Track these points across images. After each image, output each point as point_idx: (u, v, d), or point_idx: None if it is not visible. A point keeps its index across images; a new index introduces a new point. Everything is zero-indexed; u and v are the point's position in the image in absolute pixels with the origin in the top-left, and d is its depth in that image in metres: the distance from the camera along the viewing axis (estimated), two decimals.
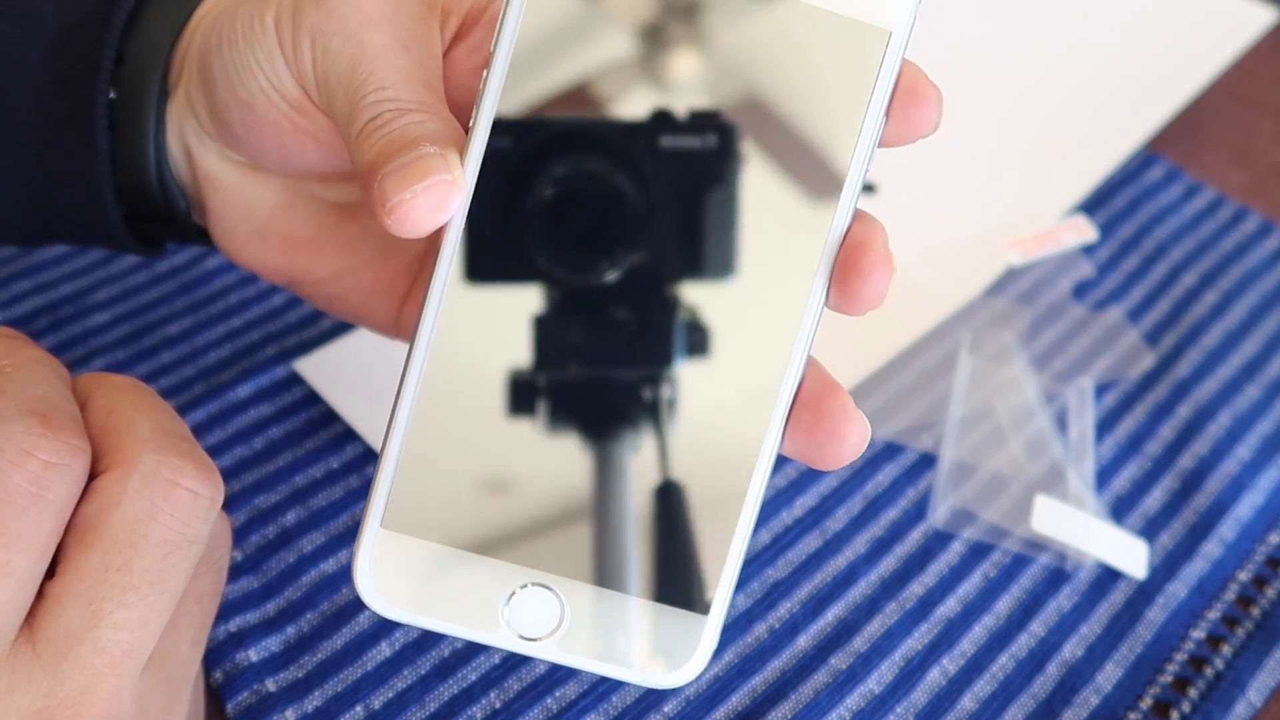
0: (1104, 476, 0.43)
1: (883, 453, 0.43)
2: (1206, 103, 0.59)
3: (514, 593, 0.27)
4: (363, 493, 0.40)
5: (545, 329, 0.28)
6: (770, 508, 0.41)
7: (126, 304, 0.45)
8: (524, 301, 0.28)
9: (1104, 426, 0.44)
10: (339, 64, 0.29)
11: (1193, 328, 0.48)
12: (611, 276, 0.28)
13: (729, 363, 0.28)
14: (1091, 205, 0.53)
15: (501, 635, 0.27)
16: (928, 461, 0.43)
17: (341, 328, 0.45)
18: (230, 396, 0.42)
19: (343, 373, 0.43)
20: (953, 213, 0.51)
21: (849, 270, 0.27)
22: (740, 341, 0.28)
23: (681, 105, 0.28)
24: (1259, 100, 0.60)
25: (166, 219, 0.35)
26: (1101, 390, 0.46)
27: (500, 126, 0.27)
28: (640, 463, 0.28)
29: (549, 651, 0.27)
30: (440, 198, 0.26)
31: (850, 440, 0.28)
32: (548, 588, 0.27)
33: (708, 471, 0.28)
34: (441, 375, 0.28)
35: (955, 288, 0.48)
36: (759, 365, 0.28)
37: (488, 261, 0.28)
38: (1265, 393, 0.46)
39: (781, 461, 0.42)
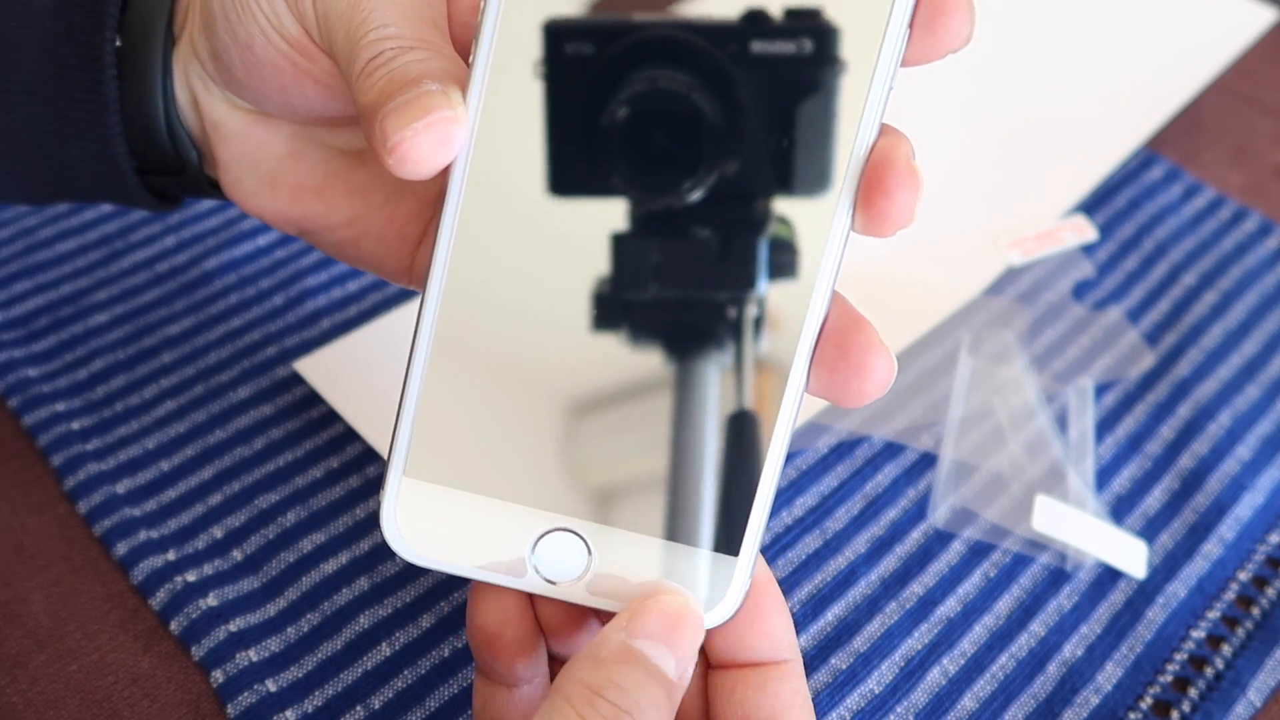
0: (1104, 476, 0.43)
1: (883, 453, 0.43)
2: (1206, 103, 0.59)
3: (539, 537, 0.27)
4: (363, 493, 0.40)
5: (620, 248, 0.27)
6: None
7: (126, 304, 0.45)
8: (536, 238, 0.27)
9: (1104, 426, 0.44)
10: (339, 2, 0.29)
11: (1193, 328, 0.48)
12: (693, 197, 0.27)
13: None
14: (1091, 205, 0.53)
15: (528, 580, 0.27)
16: (928, 461, 0.43)
17: (341, 327, 0.45)
18: (230, 396, 0.42)
19: (343, 373, 0.43)
20: (953, 213, 0.51)
21: (872, 190, 0.26)
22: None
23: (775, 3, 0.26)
24: (1259, 100, 0.60)
25: (178, 171, 0.35)
26: (1101, 390, 0.46)
27: (579, 30, 0.26)
28: (665, 406, 0.27)
29: (577, 595, 0.27)
30: (442, 135, 0.26)
31: (876, 374, 0.27)
32: (573, 532, 0.27)
33: (734, 412, 0.27)
34: (455, 321, 0.27)
35: (955, 288, 0.48)
36: (781, 299, 0.27)
37: (563, 178, 0.27)
38: (1265, 393, 0.46)
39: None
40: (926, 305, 0.47)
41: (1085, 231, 0.51)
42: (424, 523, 0.27)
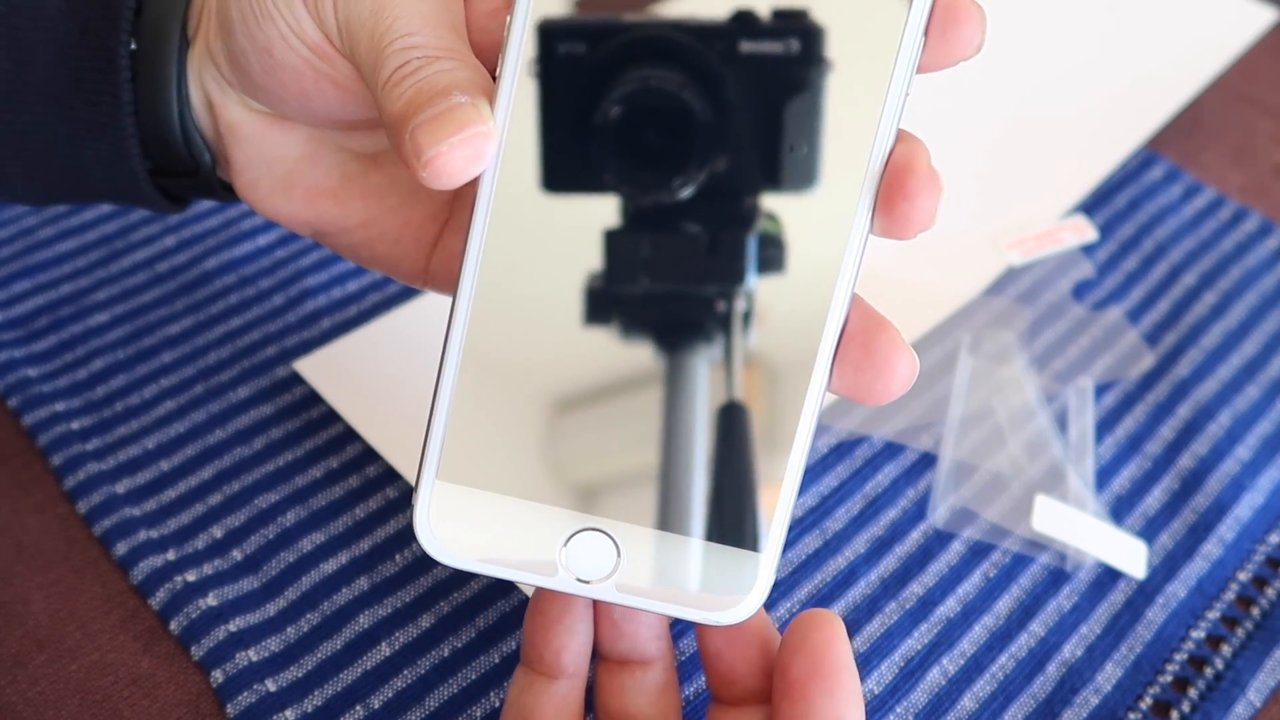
0: (1104, 476, 0.43)
1: (883, 453, 0.43)
2: (1206, 103, 0.59)
3: (569, 538, 0.28)
4: (363, 493, 0.40)
5: (614, 245, 0.28)
6: None
7: (126, 304, 0.45)
8: (566, 241, 0.28)
9: (1104, 426, 0.44)
10: (362, 8, 0.29)
11: (1193, 328, 0.48)
12: (684, 194, 0.27)
13: (771, 298, 0.28)
14: (1091, 205, 0.53)
15: (560, 579, 0.28)
16: (928, 461, 0.43)
17: (341, 327, 0.45)
18: (230, 396, 0.42)
19: (343, 373, 0.43)
20: (953, 213, 0.51)
21: (893, 194, 0.27)
22: (783, 277, 0.28)
23: (763, 3, 0.27)
24: (1259, 100, 0.60)
25: (191, 173, 0.35)
26: (1101, 390, 0.46)
27: (572, 30, 0.27)
28: (689, 404, 0.28)
29: (606, 593, 0.28)
30: (476, 150, 0.26)
31: (900, 373, 0.27)
32: (602, 531, 0.28)
33: (757, 412, 0.28)
34: (485, 326, 0.28)
35: (955, 288, 0.48)
36: (802, 300, 0.27)
37: (556, 177, 0.27)
38: (1265, 393, 0.46)
39: None
40: (926, 305, 0.47)
41: (1085, 231, 0.51)
42: (457, 525, 0.28)
